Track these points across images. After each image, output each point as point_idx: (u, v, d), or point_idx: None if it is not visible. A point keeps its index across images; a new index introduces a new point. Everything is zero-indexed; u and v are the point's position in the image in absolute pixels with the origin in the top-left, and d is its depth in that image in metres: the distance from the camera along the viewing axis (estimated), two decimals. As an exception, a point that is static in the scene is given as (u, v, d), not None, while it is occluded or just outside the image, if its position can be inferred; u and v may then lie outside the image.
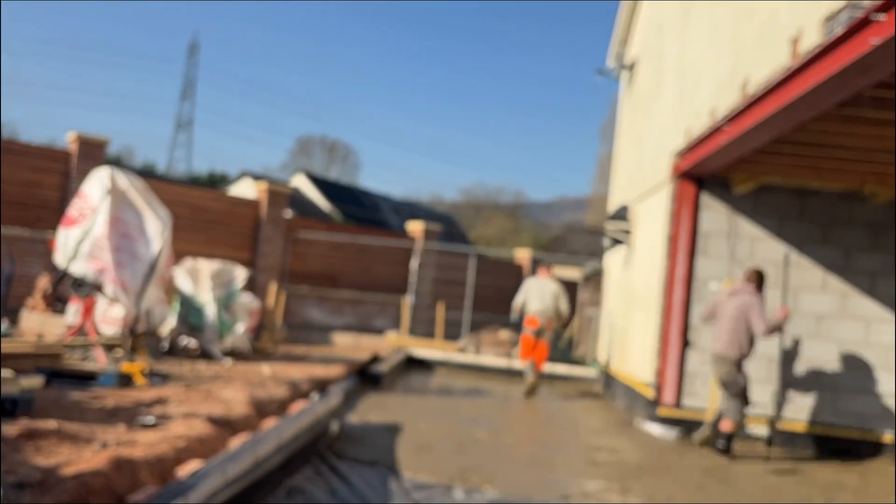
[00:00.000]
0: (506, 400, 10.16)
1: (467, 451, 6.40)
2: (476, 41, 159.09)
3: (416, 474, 5.37)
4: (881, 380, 8.18)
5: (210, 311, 9.22)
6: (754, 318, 7.03)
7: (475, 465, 5.86)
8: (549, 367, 13.37)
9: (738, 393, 7.19)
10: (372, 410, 7.86)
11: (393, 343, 14.12)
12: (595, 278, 16.25)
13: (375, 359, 11.22)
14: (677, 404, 8.30)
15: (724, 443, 7.12)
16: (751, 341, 7.19)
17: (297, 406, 6.34)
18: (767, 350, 8.31)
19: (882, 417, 8.13)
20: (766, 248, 8.37)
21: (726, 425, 7.18)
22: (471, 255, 18.11)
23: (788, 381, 8.31)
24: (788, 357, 8.32)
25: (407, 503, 4.74)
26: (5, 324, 8.28)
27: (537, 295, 10.29)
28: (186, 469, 3.91)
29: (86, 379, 6.32)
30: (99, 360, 7.41)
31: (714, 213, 8.43)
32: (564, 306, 10.33)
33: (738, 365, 7.19)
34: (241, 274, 9.91)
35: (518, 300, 10.50)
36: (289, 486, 4.79)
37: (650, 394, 8.44)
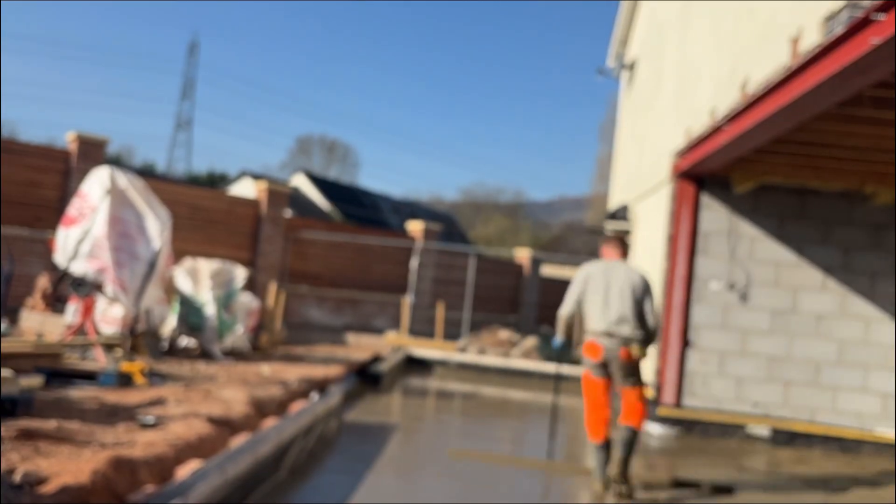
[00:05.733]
0: (505, 399, 10.16)
1: (466, 450, 6.39)
2: (476, 41, 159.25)
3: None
4: (881, 379, 8.18)
5: (210, 310, 9.20)
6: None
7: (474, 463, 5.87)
8: (550, 368, 13.34)
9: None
10: (372, 410, 7.86)
11: (393, 343, 14.11)
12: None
13: (375, 358, 11.20)
14: (677, 404, 8.30)
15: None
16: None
17: (297, 406, 6.34)
18: (768, 349, 8.31)
19: (882, 417, 8.14)
20: (766, 248, 8.37)
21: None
22: (470, 254, 18.12)
23: (788, 380, 8.31)
24: (788, 356, 8.32)
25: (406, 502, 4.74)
26: (5, 323, 8.27)
27: (602, 293, 5.38)
28: (186, 469, 3.91)
29: (85, 379, 6.31)
30: (99, 360, 7.41)
31: (714, 212, 8.43)
32: (652, 315, 5.44)
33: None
34: (240, 273, 9.89)
35: (566, 306, 5.56)
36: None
37: (650, 393, 8.43)
